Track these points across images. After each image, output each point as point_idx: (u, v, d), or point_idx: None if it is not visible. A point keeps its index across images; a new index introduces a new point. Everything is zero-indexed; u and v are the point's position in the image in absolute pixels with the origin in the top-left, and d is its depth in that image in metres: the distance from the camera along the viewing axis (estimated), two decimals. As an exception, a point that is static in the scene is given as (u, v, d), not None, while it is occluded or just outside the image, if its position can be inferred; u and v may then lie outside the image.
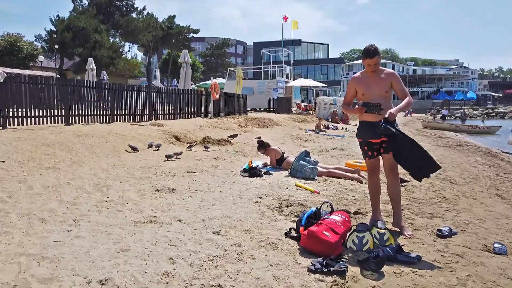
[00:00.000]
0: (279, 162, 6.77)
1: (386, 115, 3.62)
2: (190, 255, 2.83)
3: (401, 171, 6.34)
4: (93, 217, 3.59)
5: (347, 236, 3.39)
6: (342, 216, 3.33)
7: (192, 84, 25.69)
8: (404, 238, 3.68)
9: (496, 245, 3.49)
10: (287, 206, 4.34)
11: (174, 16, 49.57)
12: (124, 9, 42.61)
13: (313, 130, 15.47)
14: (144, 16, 44.45)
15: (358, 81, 3.97)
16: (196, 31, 51.79)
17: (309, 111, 26.98)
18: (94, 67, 20.98)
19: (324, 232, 3.06)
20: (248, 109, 25.58)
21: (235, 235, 3.32)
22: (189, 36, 52.14)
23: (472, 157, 10.56)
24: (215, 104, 15.50)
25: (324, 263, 2.78)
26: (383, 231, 3.55)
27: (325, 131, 15.85)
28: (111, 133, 8.17)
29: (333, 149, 10.13)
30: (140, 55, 73.15)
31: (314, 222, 3.28)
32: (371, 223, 3.96)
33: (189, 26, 50.16)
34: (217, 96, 14.89)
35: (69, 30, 33.63)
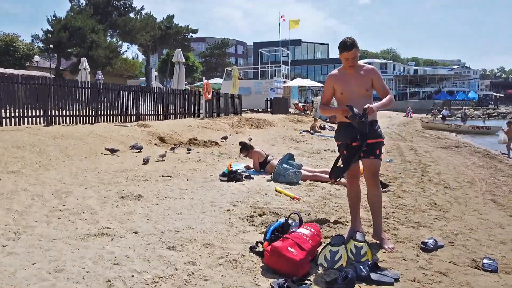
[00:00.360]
0: (263, 165, 6.43)
1: (365, 107, 3.27)
2: (133, 276, 2.48)
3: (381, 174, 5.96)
4: (39, 229, 3.25)
5: (319, 251, 3.04)
6: (312, 230, 2.97)
7: (186, 84, 25.39)
8: (384, 252, 3.33)
9: (485, 261, 3.14)
10: (260, 215, 4.00)
11: (172, 16, 49.26)
12: (122, 9, 42.33)
13: (307, 131, 15.12)
14: (142, 16, 44.18)
15: (336, 79, 3.62)
16: (195, 31, 51.46)
17: (307, 112, 26.60)
18: (88, 67, 20.65)
19: (288, 248, 2.70)
20: (245, 109, 25.28)
21: (192, 250, 2.97)
22: (188, 36, 51.87)
23: (469, 159, 10.18)
24: (207, 104, 15.18)
25: (284, 285, 2.43)
26: (361, 244, 3.20)
27: (320, 132, 15.49)
28: (90, 135, 7.83)
29: (324, 151, 9.78)
30: (141, 55, 72.85)
31: (280, 236, 2.93)
32: (349, 235, 3.61)
33: (188, 26, 49.88)
34: (209, 96, 14.56)
35: (66, 30, 33.36)
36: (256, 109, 26.36)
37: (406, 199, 5.34)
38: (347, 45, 3.41)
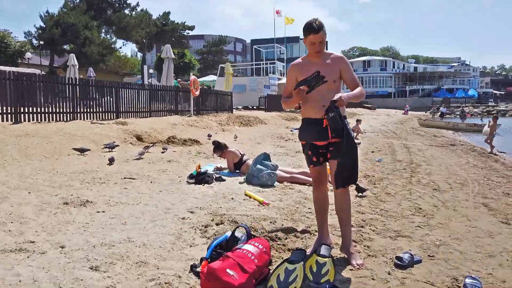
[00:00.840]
0: (238, 166, 5.97)
1: (335, 98, 2.82)
2: (29, 307, 2.03)
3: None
4: None
5: (272, 270, 2.59)
6: (260, 246, 2.51)
7: (179, 81, 24.90)
8: (351, 269, 2.87)
9: (467, 281, 2.67)
10: (217, 224, 3.54)
11: (168, 13, 48.77)
12: (117, 5, 41.84)
13: (298, 129, 14.64)
14: (138, 13, 43.69)
15: (299, 69, 3.15)
16: (192, 28, 50.99)
17: (303, 109, 26.07)
18: (76, 63, 20.17)
19: (227, 270, 2.25)
20: (240, 106, 24.82)
21: (119, 270, 2.51)
22: (185, 33, 51.38)
23: (464, 158, 9.72)
24: (195, 101, 14.73)
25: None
26: (324, 260, 2.74)
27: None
28: (59, 133, 7.37)
29: (312, 149, 9.31)
30: (139, 53, 71.93)
31: (223, 253, 2.47)
32: (314, 247, 3.17)
33: (184, 22, 49.44)
34: (197, 93, 14.08)
35: (58, 26, 32.87)
36: (250, 107, 25.89)
37: (389, 203, 4.88)
38: (313, 27, 2.94)
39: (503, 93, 76.51)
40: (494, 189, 6.06)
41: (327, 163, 3.20)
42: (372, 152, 10.04)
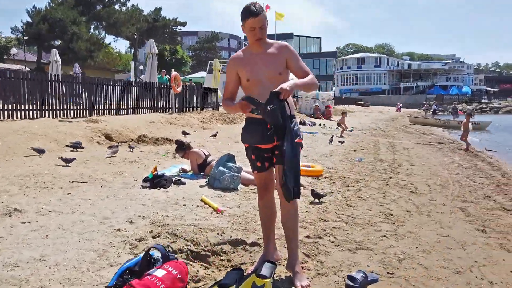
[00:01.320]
0: (202, 167, 5.58)
1: (277, 89, 2.43)
2: None
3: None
4: None
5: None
6: (174, 272, 2.11)
7: (169, 77, 24.38)
8: (293, 293, 2.49)
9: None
10: (153, 237, 3.14)
11: (160, 9, 48.14)
12: (106, 0, 41.07)
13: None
14: (128, 8, 43.00)
15: (240, 62, 2.75)
16: (184, 24, 50.38)
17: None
18: (59, 59, 19.50)
19: (126, 303, 1.85)
20: (229, 103, 24.33)
21: (8, 300, 2.11)
22: (177, 29, 50.76)
23: (450, 157, 9.39)
24: (178, 98, 14.29)
25: None
26: (263, 282, 2.36)
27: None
28: (18, 131, 6.92)
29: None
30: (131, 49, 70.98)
31: (129, 280, 2.07)
32: (257, 265, 2.79)
33: (176, 18, 48.80)
34: (178, 89, 13.64)
35: (45, 21, 32.17)
36: (240, 104, 25.44)
37: (358, 208, 4.51)
38: (252, 10, 2.54)
39: (496, 90, 76.60)
40: (476, 191, 5.73)
41: (273, 169, 2.82)
42: (355, 150, 9.68)
